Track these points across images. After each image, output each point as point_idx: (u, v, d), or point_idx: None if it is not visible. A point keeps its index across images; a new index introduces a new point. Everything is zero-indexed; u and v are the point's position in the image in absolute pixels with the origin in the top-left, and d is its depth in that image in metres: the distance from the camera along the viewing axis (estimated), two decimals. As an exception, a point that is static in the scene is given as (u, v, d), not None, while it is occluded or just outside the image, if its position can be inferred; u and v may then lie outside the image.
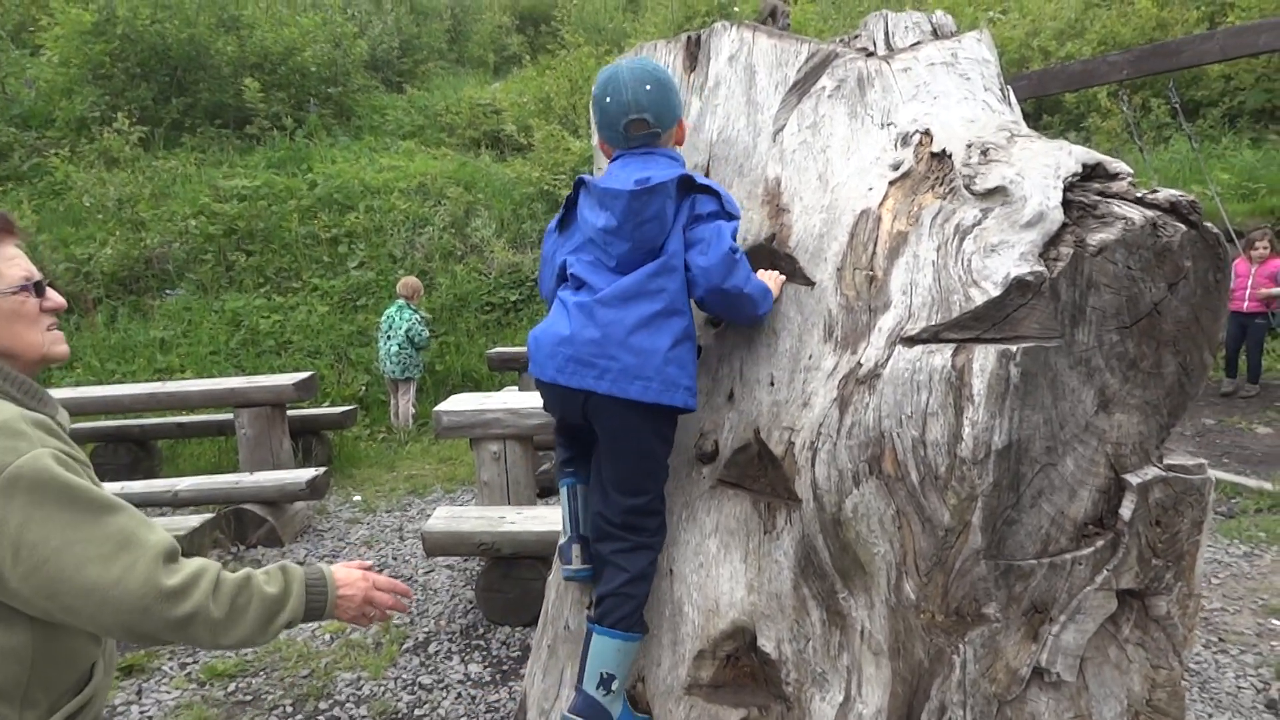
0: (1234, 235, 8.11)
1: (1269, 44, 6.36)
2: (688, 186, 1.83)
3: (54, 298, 1.46)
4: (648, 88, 1.87)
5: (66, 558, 1.26)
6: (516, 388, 7.52)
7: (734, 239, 1.81)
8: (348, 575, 1.61)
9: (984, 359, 1.47)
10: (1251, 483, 5.55)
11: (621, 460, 1.83)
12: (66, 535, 1.26)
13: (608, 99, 1.88)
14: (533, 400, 4.70)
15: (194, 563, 1.39)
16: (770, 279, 1.86)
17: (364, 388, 9.16)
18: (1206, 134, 11.40)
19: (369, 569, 1.67)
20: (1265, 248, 7.63)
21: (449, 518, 4.15)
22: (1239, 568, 4.40)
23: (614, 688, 1.82)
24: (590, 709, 1.81)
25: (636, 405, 1.75)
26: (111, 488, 4.10)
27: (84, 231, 10.54)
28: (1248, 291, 7.70)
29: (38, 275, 1.44)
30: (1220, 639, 3.68)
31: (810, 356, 1.75)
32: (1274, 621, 3.79)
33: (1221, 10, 12.57)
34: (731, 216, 1.83)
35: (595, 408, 1.80)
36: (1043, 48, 12.91)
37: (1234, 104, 11.92)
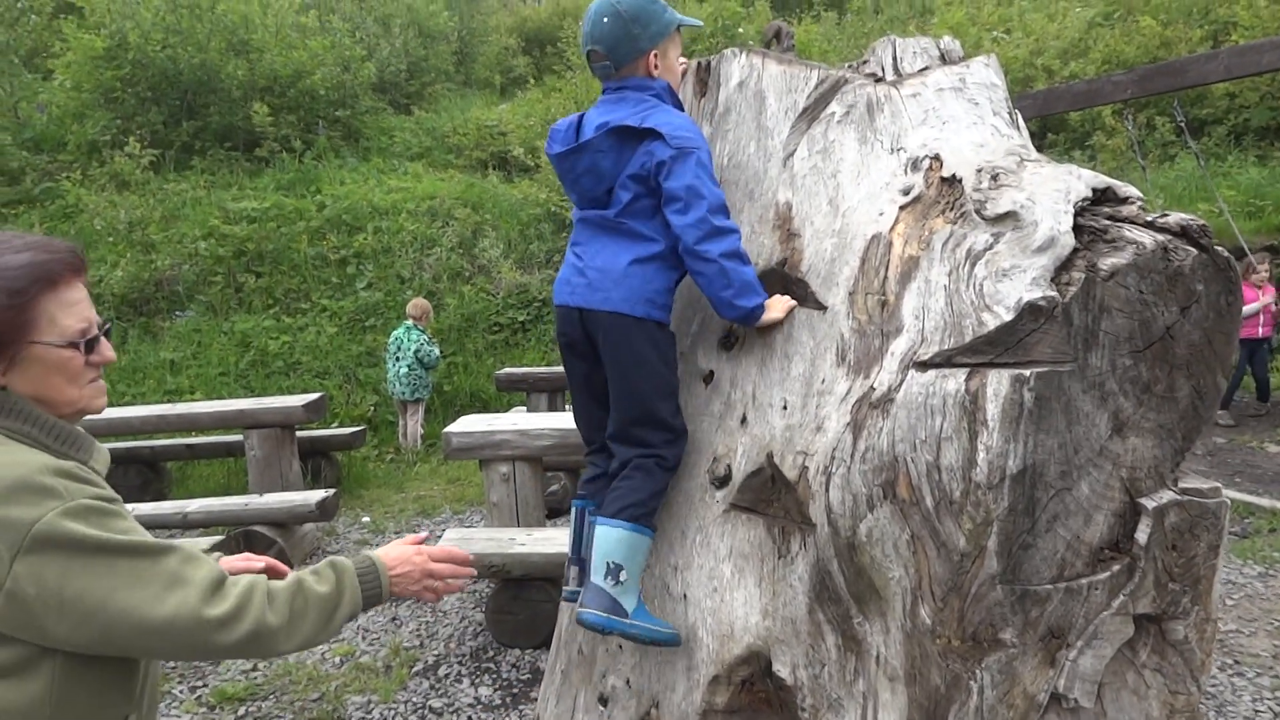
0: (1249, 252, 8.06)
1: (1273, 63, 6.38)
2: (624, 134, 1.91)
3: (104, 352, 1.42)
4: (605, 20, 1.95)
5: (113, 607, 1.24)
6: (525, 408, 7.53)
7: (708, 186, 1.86)
8: (400, 553, 1.62)
9: (998, 383, 1.47)
10: (1265, 502, 5.52)
11: (613, 370, 1.94)
12: (109, 583, 1.24)
13: (580, 30, 2.01)
14: (542, 421, 4.71)
15: (241, 584, 1.37)
16: (778, 303, 1.87)
17: (373, 408, 9.18)
18: (1212, 152, 11.42)
19: (423, 541, 1.67)
20: (1266, 272, 7.60)
21: (458, 539, 4.15)
22: (1253, 589, 4.37)
23: (622, 578, 1.81)
24: (599, 599, 1.80)
25: (613, 318, 1.90)
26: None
27: (95, 254, 10.62)
28: (1260, 316, 7.64)
29: (95, 328, 1.39)
30: (1236, 661, 3.65)
31: (823, 380, 1.76)
32: (1290, 643, 3.76)
33: (1225, 29, 12.61)
34: (686, 149, 1.86)
35: (586, 322, 1.96)
36: (1047, 67, 12.96)
37: (1239, 122, 11.94)
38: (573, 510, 2.12)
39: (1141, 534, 1.56)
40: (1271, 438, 7.17)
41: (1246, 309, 7.44)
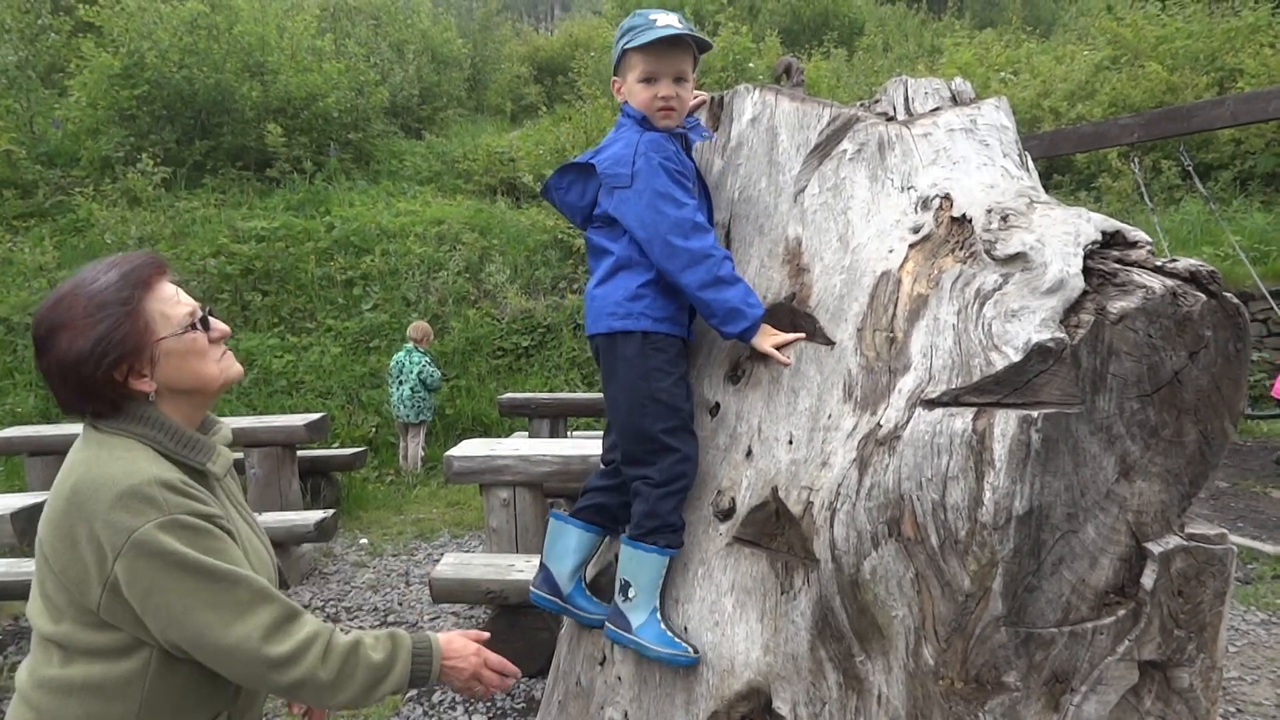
0: (1268, 294, 7.99)
1: (1279, 111, 6.43)
2: (577, 170, 2.08)
3: (218, 326, 1.56)
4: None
5: (188, 624, 1.36)
6: (526, 434, 7.52)
7: (656, 208, 1.89)
8: (462, 648, 1.69)
9: (1005, 424, 1.47)
10: (1268, 548, 5.48)
11: (609, 394, 1.98)
12: (186, 602, 1.35)
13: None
14: (543, 447, 4.70)
15: (306, 628, 1.45)
16: (769, 338, 1.89)
17: (374, 429, 9.18)
18: (1218, 197, 11.48)
19: (484, 641, 1.75)
20: None
21: (457, 564, 4.13)
22: (1256, 635, 4.33)
23: (630, 594, 1.88)
24: (612, 613, 1.93)
25: (592, 341, 2.00)
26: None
27: (103, 269, 10.66)
28: None
29: (199, 309, 1.53)
30: (1239, 710, 3.60)
31: (829, 416, 1.76)
32: (1293, 693, 3.72)
33: (1231, 76, 12.73)
34: (619, 187, 1.94)
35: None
36: (1054, 109, 13.08)
37: (1244, 168, 12.01)
38: (552, 522, 2.17)
39: (1148, 579, 1.55)
40: (1275, 484, 7.14)
41: None
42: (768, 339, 1.87)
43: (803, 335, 1.88)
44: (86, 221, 11.31)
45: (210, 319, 1.55)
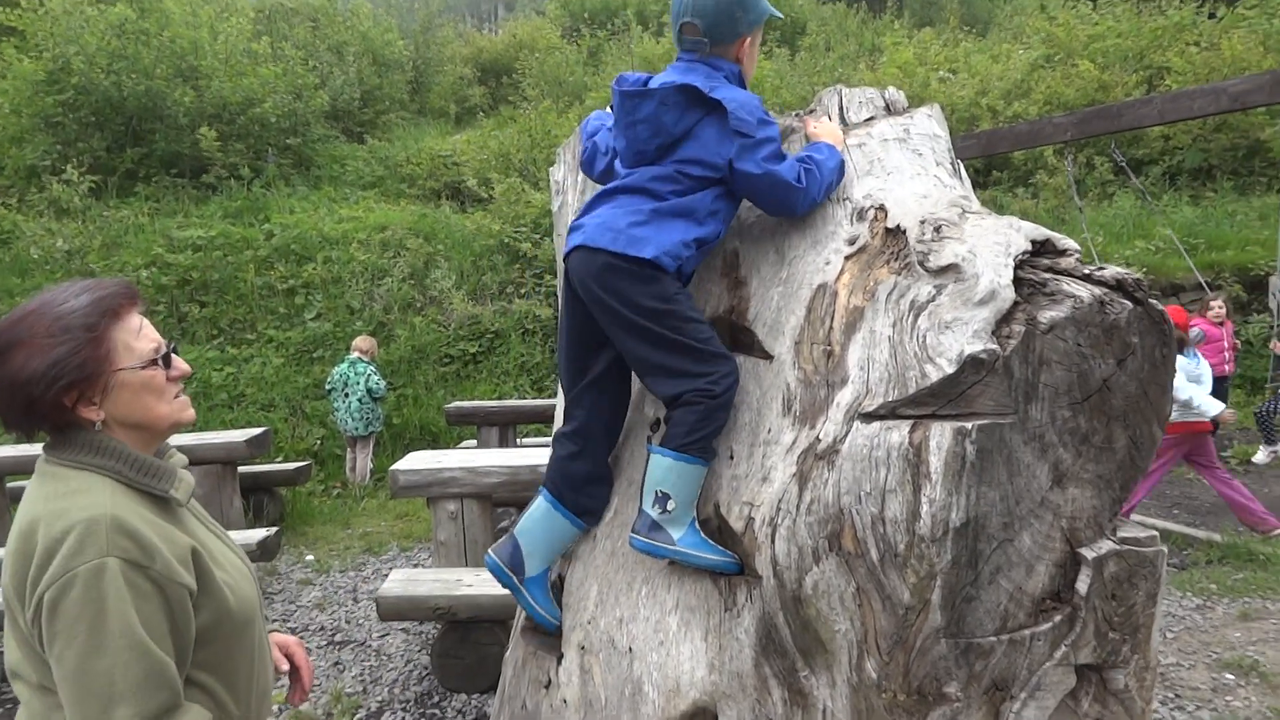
0: (1206, 285, 8.20)
1: (1203, 109, 6.63)
2: (694, 96, 1.86)
3: (179, 365, 1.53)
4: None
5: (72, 684, 1.29)
6: (475, 442, 7.44)
7: (778, 159, 1.86)
8: None
9: (940, 436, 1.48)
10: (1201, 534, 5.65)
11: (612, 317, 1.86)
12: (80, 664, 1.29)
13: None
14: (491, 458, 4.64)
15: None
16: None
17: (319, 442, 9.00)
18: (1148, 191, 11.83)
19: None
20: (1221, 308, 7.63)
21: (404, 581, 4.06)
22: (1192, 621, 4.45)
23: (669, 507, 1.80)
24: (646, 526, 1.81)
25: (610, 255, 1.82)
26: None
27: (30, 282, 10.30)
28: (1226, 354, 7.61)
29: (164, 346, 1.50)
30: (1176, 695, 3.70)
31: (769, 430, 1.75)
32: (1228, 676, 3.83)
33: (1159, 74, 13.13)
34: (747, 135, 1.85)
35: (583, 269, 1.87)
36: (991, 107, 13.35)
37: (1173, 163, 12.40)
38: (539, 498, 2.07)
39: (1082, 584, 1.57)
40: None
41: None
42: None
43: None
44: (11, 234, 10.91)
45: (173, 357, 1.52)
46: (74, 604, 1.28)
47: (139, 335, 1.46)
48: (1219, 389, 7.65)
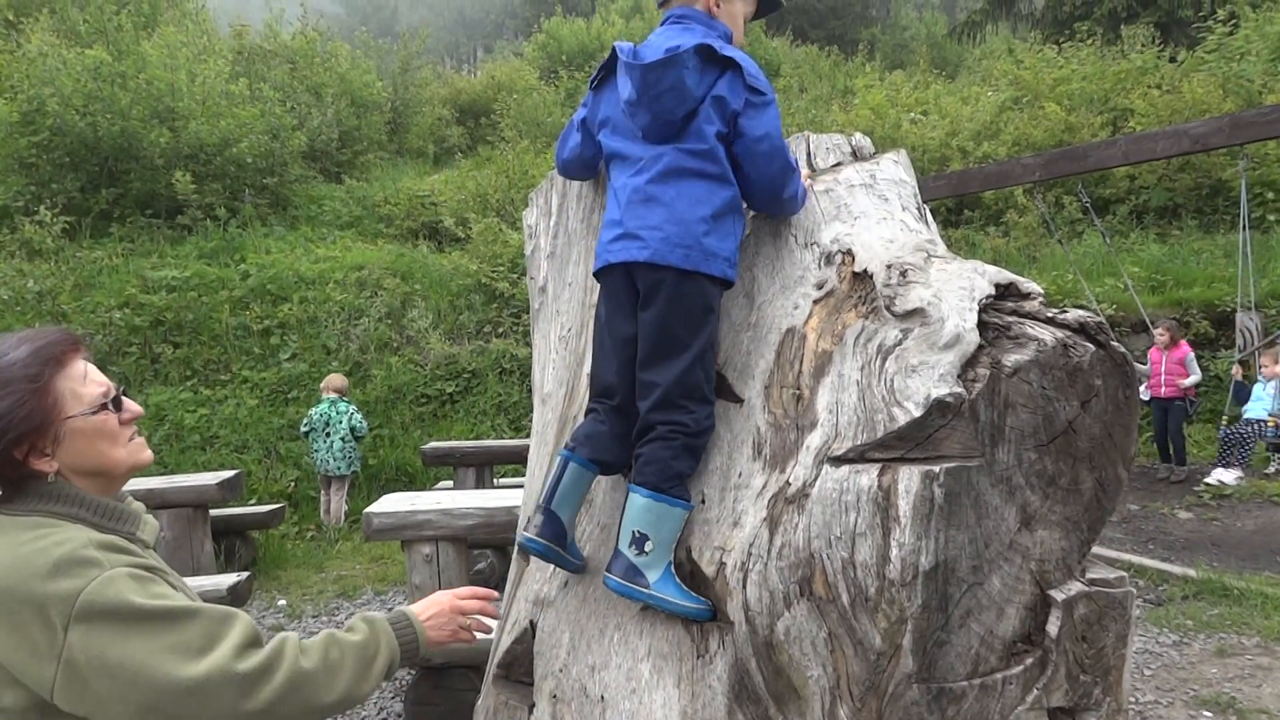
0: (1149, 324, 8.56)
1: (1166, 150, 6.81)
2: (708, 56, 1.84)
3: (131, 407, 1.51)
4: None
5: (154, 669, 1.28)
6: (451, 483, 7.37)
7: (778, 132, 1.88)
8: (426, 601, 1.68)
9: (909, 480, 1.48)
10: (1176, 569, 5.68)
11: (661, 331, 1.82)
12: (147, 647, 1.29)
13: None
14: (466, 499, 4.60)
15: (273, 641, 1.41)
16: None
17: (293, 483, 8.88)
18: (1116, 229, 12.05)
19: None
20: (1164, 334, 8.14)
21: (377, 627, 3.99)
22: (1169, 657, 4.46)
23: (646, 548, 1.76)
24: (622, 567, 1.77)
25: (680, 273, 1.79)
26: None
27: (0, 325, 10.17)
28: (1163, 377, 8.14)
29: (113, 389, 1.48)
30: (1155, 734, 3.69)
31: (740, 474, 1.75)
32: (1205, 713, 3.83)
33: (1123, 115, 13.46)
34: (761, 93, 1.86)
35: (642, 280, 1.84)
36: (961, 147, 13.60)
37: (1139, 202, 12.66)
38: (560, 460, 1.95)
39: (1052, 626, 1.58)
40: (1181, 504, 7.43)
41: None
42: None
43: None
44: (-19, 276, 10.79)
45: (123, 399, 1.50)
46: (105, 617, 1.27)
47: (85, 381, 1.44)
48: (1160, 410, 8.10)
